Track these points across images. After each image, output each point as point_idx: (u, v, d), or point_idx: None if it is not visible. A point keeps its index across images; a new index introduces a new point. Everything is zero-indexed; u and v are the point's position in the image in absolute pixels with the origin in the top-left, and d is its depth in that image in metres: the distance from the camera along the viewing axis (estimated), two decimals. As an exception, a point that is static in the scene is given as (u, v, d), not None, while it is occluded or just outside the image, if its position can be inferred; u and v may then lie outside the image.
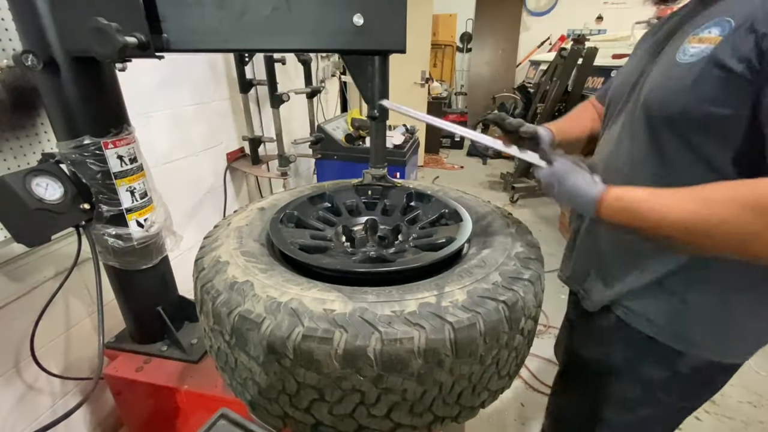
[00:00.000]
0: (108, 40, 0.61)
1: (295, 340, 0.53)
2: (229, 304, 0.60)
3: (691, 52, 0.58)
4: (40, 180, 0.90)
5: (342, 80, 3.89)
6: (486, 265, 0.67)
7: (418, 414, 0.59)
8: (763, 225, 0.47)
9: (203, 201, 2.03)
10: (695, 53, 0.57)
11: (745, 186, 0.49)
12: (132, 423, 1.24)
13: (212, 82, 2.01)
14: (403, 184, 1.04)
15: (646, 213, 0.55)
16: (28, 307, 1.16)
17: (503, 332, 0.59)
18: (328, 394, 0.55)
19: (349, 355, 0.52)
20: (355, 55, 0.82)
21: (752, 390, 1.83)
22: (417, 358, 0.53)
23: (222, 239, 0.77)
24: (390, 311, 0.56)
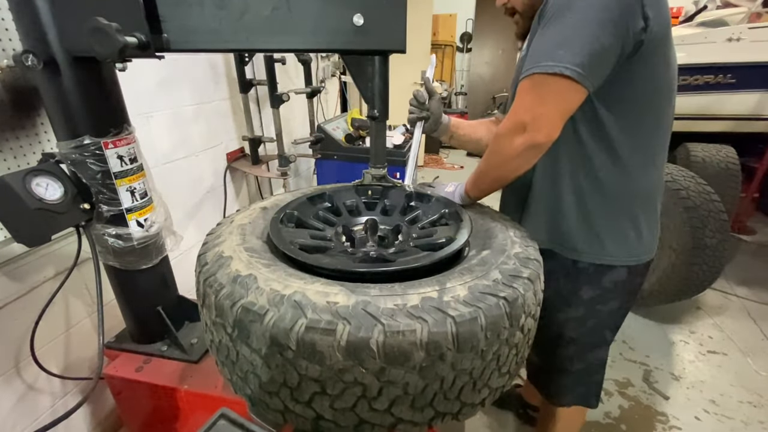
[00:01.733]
0: (108, 40, 0.61)
1: (298, 332, 0.53)
2: (232, 297, 0.60)
3: (523, 51, 0.93)
4: (40, 180, 0.90)
5: (342, 80, 3.89)
6: (486, 264, 0.68)
7: (420, 409, 0.59)
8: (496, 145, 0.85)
9: (203, 201, 2.03)
10: (523, 51, 0.92)
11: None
12: (132, 423, 1.24)
13: (212, 82, 2.01)
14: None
15: (476, 176, 0.93)
16: (28, 307, 1.16)
17: (504, 328, 0.59)
18: (329, 387, 0.56)
19: (351, 346, 0.52)
20: (355, 55, 0.82)
21: (752, 390, 1.84)
22: (419, 350, 0.53)
23: (225, 236, 0.78)
24: (393, 304, 0.56)
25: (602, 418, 1.70)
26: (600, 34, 0.72)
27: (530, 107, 0.77)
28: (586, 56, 0.72)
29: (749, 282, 2.67)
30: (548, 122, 0.77)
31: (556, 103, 0.77)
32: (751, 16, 2.69)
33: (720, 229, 1.95)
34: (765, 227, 3.37)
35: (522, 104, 0.79)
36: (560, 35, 0.75)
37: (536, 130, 0.77)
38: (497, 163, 0.87)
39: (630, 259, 0.97)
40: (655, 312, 2.36)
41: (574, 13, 0.73)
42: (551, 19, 0.77)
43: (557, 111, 0.77)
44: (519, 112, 0.79)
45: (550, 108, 0.77)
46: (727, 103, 2.52)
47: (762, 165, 2.73)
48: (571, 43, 0.73)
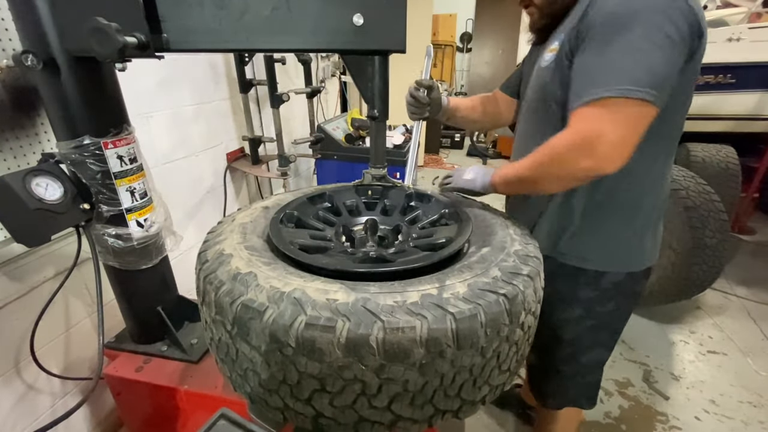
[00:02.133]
0: (108, 40, 0.61)
1: (298, 329, 0.53)
2: (232, 294, 0.60)
3: (546, 59, 0.88)
4: (40, 180, 0.90)
5: (342, 80, 3.89)
6: (485, 261, 0.68)
7: (419, 406, 0.59)
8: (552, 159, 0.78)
9: (203, 201, 2.03)
10: (548, 59, 0.87)
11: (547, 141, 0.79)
12: (132, 423, 1.24)
13: (212, 82, 2.01)
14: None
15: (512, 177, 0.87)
16: (28, 307, 1.16)
17: (504, 325, 0.59)
18: (329, 384, 0.55)
19: (351, 343, 0.52)
20: (355, 55, 0.82)
21: (752, 390, 1.84)
22: (419, 347, 0.53)
23: (226, 234, 0.78)
24: (392, 301, 0.56)
25: (602, 418, 1.70)
26: (671, 55, 0.70)
27: (604, 134, 0.71)
28: (661, 79, 0.70)
29: (749, 282, 2.67)
30: (623, 150, 0.72)
31: (634, 129, 0.72)
32: (751, 16, 2.69)
33: (720, 229, 1.95)
34: (765, 227, 3.37)
35: (592, 128, 0.72)
36: (631, 56, 0.70)
37: (608, 161, 0.72)
38: (549, 176, 0.81)
39: (631, 265, 0.97)
40: (655, 312, 2.36)
41: (643, 30, 0.69)
42: (610, 37, 0.71)
43: (634, 138, 0.73)
44: (588, 136, 0.72)
45: (627, 135, 0.72)
46: (727, 103, 2.52)
47: (762, 165, 2.73)
48: (647, 65, 0.69)
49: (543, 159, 0.80)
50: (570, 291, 1.01)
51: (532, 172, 0.83)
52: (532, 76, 0.96)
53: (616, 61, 0.71)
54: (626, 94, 0.69)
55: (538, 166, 0.81)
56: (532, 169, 0.82)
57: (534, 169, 0.82)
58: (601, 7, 0.74)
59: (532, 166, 0.82)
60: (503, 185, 0.91)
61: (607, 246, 0.95)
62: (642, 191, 0.91)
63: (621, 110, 0.71)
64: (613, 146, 0.71)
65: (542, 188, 0.87)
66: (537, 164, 0.81)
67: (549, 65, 0.86)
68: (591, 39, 0.75)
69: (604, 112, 0.71)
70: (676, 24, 0.69)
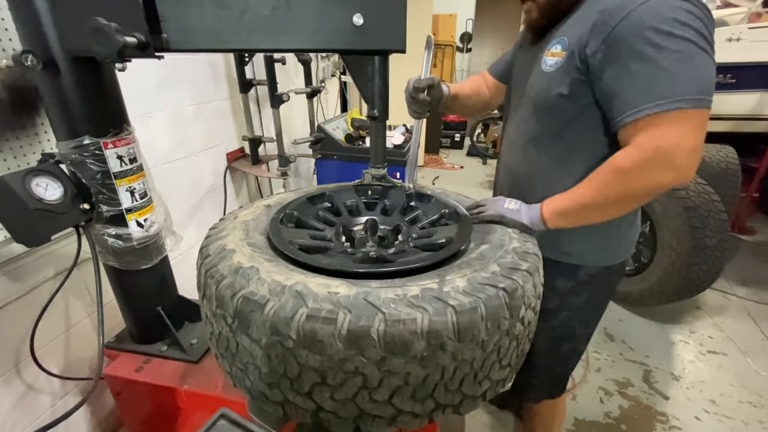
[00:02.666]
0: (108, 40, 0.61)
1: (299, 321, 0.53)
2: (233, 287, 0.60)
3: (549, 63, 0.86)
4: (40, 180, 0.90)
5: (342, 80, 3.89)
6: (484, 258, 0.69)
7: (420, 400, 0.59)
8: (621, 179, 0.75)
9: (203, 201, 2.03)
10: (552, 63, 0.85)
11: (606, 163, 0.77)
12: (132, 423, 1.24)
13: (212, 82, 2.01)
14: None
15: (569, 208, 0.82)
16: (28, 307, 1.16)
17: (504, 318, 0.60)
18: (330, 377, 0.55)
19: (352, 335, 0.52)
20: (355, 55, 0.82)
21: (752, 390, 1.84)
22: (420, 339, 0.53)
23: (228, 230, 0.78)
24: (393, 294, 0.56)
25: (602, 418, 1.70)
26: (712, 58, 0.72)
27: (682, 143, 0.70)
28: (713, 83, 0.72)
29: (749, 282, 2.67)
30: (697, 159, 0.73)
31: (703, 134, 0.73)
32: (751, 16, 2.69)
33: (720, 229, 1.95)
34: (765, 227, 3.37)
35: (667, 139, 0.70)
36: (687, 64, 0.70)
37: (686, 170, 0.72)
38: (622, 198, 0.77)
39: (609, 259, 1.00)
40: (655, 312, 2.36)
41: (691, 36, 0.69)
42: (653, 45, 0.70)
43: (702, 142, 0.73)
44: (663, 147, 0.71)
45: (700, 142, 0.72)
46: (727, 103, 2.52)
47: (762, 165, 2.73)
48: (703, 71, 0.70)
49: (610, 181, 0.76)
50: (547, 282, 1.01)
51: (598, 198, 0.78)
52: (530, 76, 0.95)
53: (675, 70, 0.70)
54: (698, 105, 0.69)
55: (606, 191, 0.77)
56: (597, 195, 0.78)
57: (601, 194, 0.78)
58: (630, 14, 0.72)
59: (597, 191, 0.78)
60: (557, 218, 0.84)
61: (588, 241, 0.96)
62: None
63: (692, 120, 0.70)
64: (689, 156, 0.71)
65: (610, 213, 0.82)
66: (603, 188, 0.77)
67: (554, 71, 0.84)
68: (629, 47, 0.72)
69: (676, 122, 0.70)
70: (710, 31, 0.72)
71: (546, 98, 0.87)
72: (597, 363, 2.00)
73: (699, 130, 0.71)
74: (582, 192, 0.80)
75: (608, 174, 0.76)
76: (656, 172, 0.72)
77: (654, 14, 0.71)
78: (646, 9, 0.71)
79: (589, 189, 0.79)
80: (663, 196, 2.08)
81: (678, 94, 0.69)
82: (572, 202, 0.82)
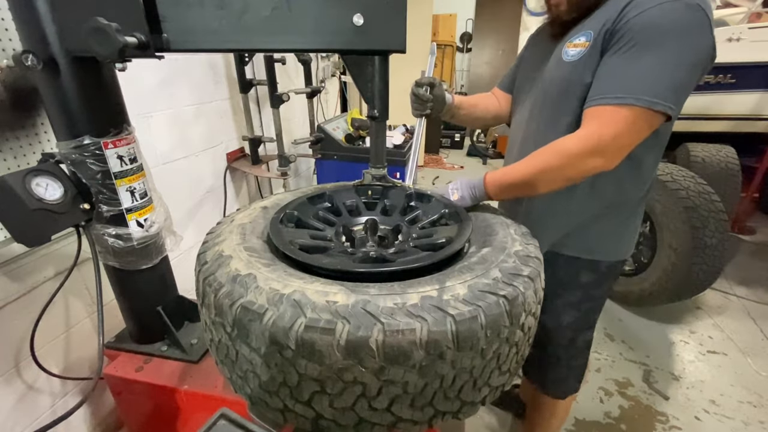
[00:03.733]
0: (108, 40, 0.61)
1: (298, 331, 0.53)
2: (231, 296, 0.60)
3: (571, 53, 0.88)
4: (40, 180, 0.90)
5: (342, 80, 3.89)
6: (486, 262, 0.68)
7: (419, 408, 0.59)
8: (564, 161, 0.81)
9: (203, 201, 2.03)
10: (574, 53, 0.87)
11: (552, 144, 0.83)
12: (132, 423, 1.24)
13: (212, 82, 2.01)
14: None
15: (510, 181, 0.88)
16: (28, 307, 1.16)
17: (504, 326, 0.59)
18: (329, 386, 0.55)
19: (351, 345, 0.52)
20: (355, 55, 0.82)
21: (752, 390, 1.84)
22: (419, 349, 0.53)
23: (225, 235, 0.78)
24: (392, 303, 0.56)
25: (602, 418, 1.70)
26: (693, 78, 0.77)
27: (619, 136, 0.78)
28: (681, 97, 0.77)
29: (749, 282, 2.67)
30: (624, 154, 0.81)
31: (642, 136, 0.80)
32: (751, 16, 2.69)
33: (720, 229, 1.95)
34: (765, 227, 3.37)
35: (609, 130, 0.78)
36: (661, 70, 0.75)
37: (613, 160, 0.80)
38: (555, 178, 0.85)
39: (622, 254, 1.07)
40: (655, 312, 2.36)
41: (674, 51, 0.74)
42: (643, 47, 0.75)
43: (637, 143, 0.81)
44: (604, 137, 0.78)
45: (635, 140, 0.80)
46: (727, 103, 2.52)
47: (762, 165, 2.73)
48: (673, 82, 0.75)
49: (553, 161, 0.82)
50: (572, 277, 1.08)
51: (540, 174, 0.85)
52: (545, 69, 0.96)
53: (646, 72, 0.75)
54: (650, 105, 0.75)
55: (547, 169, 0.83)
56: (540, 171, 0.84)
57: (542, 171, 0.84)
58: (643, 13, 0.75)
59: (541, 168, 0.84)
60: (498, 190, 0.91)
61: (611, 238, 1.03)
62: (644, 190, 1.00)
63: (642, 118, 0.77)
64: (620, 149, 0.80)
65: (543, 190, 0.88)
66: (546, 166, 0.83)
67: (576, 60, 0.87)
68: (626, 42, 0.77)
69: (626, 116, 0.77)
70: (704, 49, 0.76)
71: (567, 87, 0.89)
72: (597, 363, 2.00)
73: (639, 130, 0.79)
74: (524, 169, 0.86)
75: (552, 154, 0.83)
76: (591, 157, 0.80)
77: (660, 18, 0.74)
78: (657, 12, 0.74)
79: (532, 166, 0.85)
80: (663, 196, 2.08)
81: (635, 92, 0.75)
82: (513, 178, 0.88)
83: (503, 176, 0.90)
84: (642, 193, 1.00)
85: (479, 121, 1.28)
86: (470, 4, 6.35)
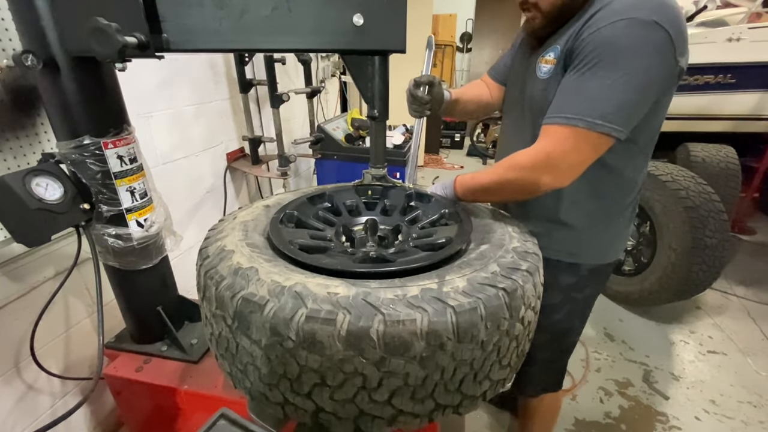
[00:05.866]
0: (108, 40, 0.61)
1: (299, 322, 0.53)
2: (232, 288, 0.60)
3: (543, 70, 0.90)
4: (40, 180, 0.90)
5: (342, 80, 3.89)
6: (484, 258, 0.69)
7: (420, 400, 0.59)
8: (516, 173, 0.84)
9: (203, 201, 2.03)
10: (546, 71, 0.89)
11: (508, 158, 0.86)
12: (132, 423, 1.24)
13: (212, 82, 2.01)
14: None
15: (474, 186, 0.92)
16: (28, 307, 1.16)
17: (504, 318, 0.60)
18: (330, 377, 0.55)
19: (352, 336, 0.52)
20: (355, 55, 0.82)
21: (752, 390, 1.84)
22: (419, 340, 0.53)
23: (227, 231, 0.78)
24: (393, 295, 0.56)
25: (602, 418, 1.70)
26: (644, 98, 0.78)
27: (566, 155, 0.79)
28: (630, 118, 0.78)
29: (749, 282, 2.67)
30: (577, 172, 0.82)
31: (592, 155, 0.81)
32: (751, 16, 2.69)
33: (720, 229, 1.95)
34: (765, 227, 3.37)
35: (557, 148, 0.80)
36: (608, 92, 0.75)
37: (564, 178, 0.82)
38: (511, 189, 0.88)
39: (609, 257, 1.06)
40: (655, 312, 2.36)
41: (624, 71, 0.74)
42: (595, 66, 0.76)
43: (589, 161, 0.81)
44: (552, 155, 0.80)
45: (585, 159, 0.81)
46: (727, 103, 2.52)
47: (762, 165, 2.73)
48: (620, 103, 0.76)
49: (508, 175, 0.86)
50: (552, 278, 1.04)
51: (497, 185, 0.89)
52: (526, 81, 0.97)
53: (593, 93, 0.76)
54: (592, 127, 0.76)
55: (503, 181, 0.87)
56: (497, 182, 0.88)
57: (499, 183, 0.88)
58: (597, 32, 0.76)
59: (497, 179, 0.88)
60: (465, 193, 0.94)
61: (591, 242, 1.02)
62: (630, 196, 1.00)
63: (585, 139, 0.78)
64: (571, 168, 0.81)
65: (502, 198, 1.00)
66: (502, 178, 0.87)
67: (547, 77, 0.89)
68: (580, 61, 0.78)
69: (571, 136, 0.78)
70: (657, 68, 0.75)
71: (542, 104, 0.90)
72: (597, 363, 2.00)
73: (585, 150, 0.79)
74: (489, 177, 0.90)
75: (508, 167, 0.86)
76: (542, 174, 0.81)
77: (610, 36, 0.74)
78: (610, 30, 0.74)
79: (494, 176, 0.88)
80: (663, 196, 2.08)
81: (581, 113, 0.76)
82: (479, 184, 0.92)
83: (470, 180, 0.93)
84: (629, 198, 0.99)
85: (473, 114, 1.29)
86: (470, 4, 6.35)
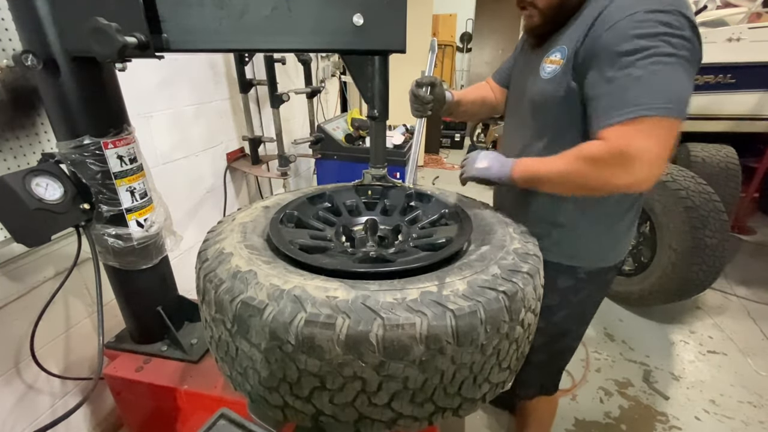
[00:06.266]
0: (108, 40, 0.61)
1: (298, 326, 0.53)
2: (232, 292, 0.60)
3: (547, 71, 0.88)
4: (40, 180, 0.90)
5: (342, 80, 3.89)
6: (485, 260, 0.68)
7: (420, 404, 0.59)
8: (585, 166, 0.77)
9: (203, 201, 2.03)
10: (550, 71, 0.88)
11: (577, 147, 0.80)
12: (132, 423, 1.24)
13: (212, 82, 2.01)
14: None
15: (536, 173, 0.86)
16: (28, 307, 1.16)
17: (504, 322, 0.59)
18: (329, 381, 0.55)
19: (351, 340, 0.52)
20: (355, 55, 0.82)
21: (752, 390, 1.84)
22: (419, 344, 0.53)
23: (226, 233, 0.78)
24: (392, 299, 0.56)
25: (602, 418, 1.70)
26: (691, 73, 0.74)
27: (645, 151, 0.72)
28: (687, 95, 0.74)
29: (749, 282, 2.67)
30: (659, 170, 0.74)
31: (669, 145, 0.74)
32: (751, 16, 2.69)
33: (720, 229, 1.95)
34: (765, 227, 3.37)
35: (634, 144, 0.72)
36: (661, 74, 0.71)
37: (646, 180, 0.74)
38: (581, 182, 0.80)
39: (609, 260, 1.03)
40: (655, 312, 2.36)
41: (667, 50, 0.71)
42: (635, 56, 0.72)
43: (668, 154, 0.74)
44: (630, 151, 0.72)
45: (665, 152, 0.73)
46: (727, 103, 2.52)
47: (762, 165, 2.73)
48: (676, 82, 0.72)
49: (579, 166, 0.78)
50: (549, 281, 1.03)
51: (562, 175, 0.81)
52: (528, 81, 0.96)
53: (647, 81, 0.72)
54: (665, 113, 0.71)
55: (572, 171, 0.80)
56: (563, 172, 0.81)
57: (566, 173, 0.81)
58: (615, 25, 0.74)
59: (564, 169, 0.81)
60: (523, 180, 0.88)
61: (590, 244, 1.00)
62: (631, 199, 0.97)
63: (657, 129, 0.72)
64: (650, 166, 0.73)
65: (569, 191, 0.87)
66: (570, 169, 0.80)
67: (552, 77, 0.87)
68: (612, 59, 0.75)
69: (642, 129, 0.72)
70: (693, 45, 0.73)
71: (544, 104, 0.89)
72: (597, 363, 2.00)
73: (664, 140, 0.73)
74: (553, 165, 0.83)
75: (576, 158, 0.79)
76: (615, 171, 0.75)
77: (635, 27, 0.73)
78: (630, 21, 0.73)
79: (560, 165, 0.82)
80: (663, 196, 2.08)
81: (645, 103, 0.71)
82: (539, 171, 0.85)
83: (533, 164, 0.87)
84: (628, 203, 0.97)
85: (476, 116, 1.28)
86: (470, 4, 6.35)
